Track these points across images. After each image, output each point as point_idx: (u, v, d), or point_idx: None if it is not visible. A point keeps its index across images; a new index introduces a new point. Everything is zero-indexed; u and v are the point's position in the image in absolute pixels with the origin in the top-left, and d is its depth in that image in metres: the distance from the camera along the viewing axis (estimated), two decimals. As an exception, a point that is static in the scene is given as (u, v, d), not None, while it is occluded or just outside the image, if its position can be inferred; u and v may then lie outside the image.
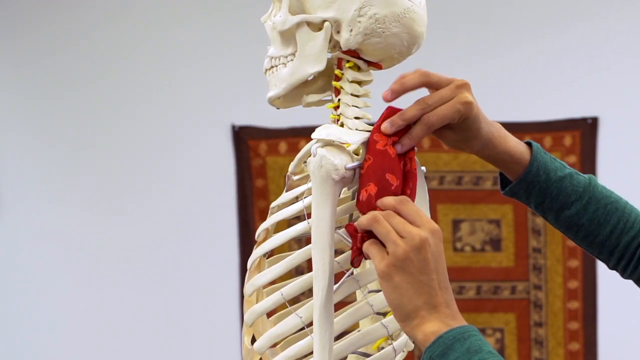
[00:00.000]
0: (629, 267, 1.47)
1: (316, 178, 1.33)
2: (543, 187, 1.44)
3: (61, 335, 3.96)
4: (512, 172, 1.45)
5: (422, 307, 1.22)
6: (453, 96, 1.34)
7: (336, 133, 1.34)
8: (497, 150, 1.42)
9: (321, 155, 1.32)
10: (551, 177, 1.44)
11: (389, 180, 1.30)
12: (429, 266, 1.22)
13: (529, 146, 1.45)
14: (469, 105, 1.34)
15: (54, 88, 3.99)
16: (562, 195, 1.44)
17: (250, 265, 1.49)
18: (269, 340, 1.41)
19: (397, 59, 1.41)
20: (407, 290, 1.22)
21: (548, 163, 1.44)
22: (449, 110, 1.33)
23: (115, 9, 3.99)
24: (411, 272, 1.21)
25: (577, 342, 3.92)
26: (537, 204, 1.46)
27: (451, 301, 1.23)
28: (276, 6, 1.43)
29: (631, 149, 3.90)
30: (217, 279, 3.94)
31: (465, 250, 3.95)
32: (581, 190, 1.45)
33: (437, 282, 1.22)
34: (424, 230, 1.22)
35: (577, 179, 1.45)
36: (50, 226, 3.98)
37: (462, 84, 1.35)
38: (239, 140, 3.96)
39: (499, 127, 1.42)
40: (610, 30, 3.91)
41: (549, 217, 1.47)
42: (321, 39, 1.38)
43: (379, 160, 1.31)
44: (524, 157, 1.44)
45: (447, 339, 1.20)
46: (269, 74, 1.44)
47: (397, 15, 1.37)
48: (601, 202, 1.46)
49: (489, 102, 3.88)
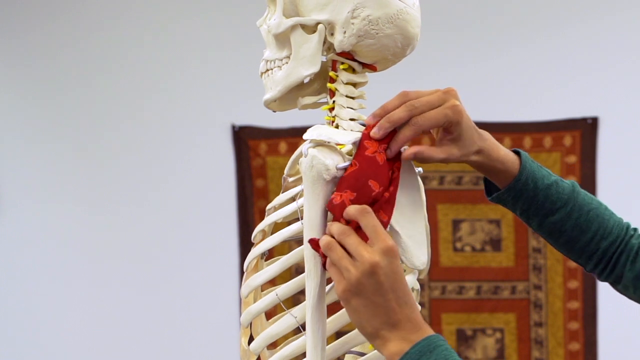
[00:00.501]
0: (606, 271, 1.51)
1: (307, 178, 1.33)
2: (531, 195, 1.46)
3: (61, 335, 3.97)
4: (501, 180, 1.47)
5: (381, 327, 1.24)
6: (441, 102, 1.35)
7: (327, 133, 1.35)
8: (491, 159, 1.43)
9: (312, 155, 1.32)
10: (538, 185, 1.46)
11: (371, 187, 1.30)
12: (383, 287, 1.23)
13: (516, 154, 1.47)
14: (457, 110, 1.35)
15: (54, 88, 4.00)
16: (547, 203, 1.47)
17: (246, 266, 1.49)
18: (264, 341, 1.42)
19: (391, 60, 1.42)
20: (364, 312, 1.24)
21: (536, 171, 1.47)
22: (438, 114, 1.34)
23: (115, 9, 3.99)
24: (366, 295, 1.24)
25: (577, 342, 3.93)
26: (522, 210, 1.48)
27: (412, 314, 1.25)
28: (271, 10, 1.44)
29: (631, 149, 3.90)
30: (217, 279, 3.95)
31: (465, 250, 3.95)
32: (566, 197, 1.47)
33: (395, 300, 1.24)
34: (376, 253, 1.24)
35: (562, 186, 1.48)
36: (50, 226, 3.98)
37: (449, 90, 1.36)
38: (239, 140, 3.96)
39: (489, 136, 1.44)
40: (610, 30, 3.91)
41: (533, 222, 1.50)
42: (315, 41, 1.38)
43: (365, 167, 1.31)
44: (515, 165, 1.45)
45: (413, 355, 1.22)
46: (264, 77, 1.45)
47: (390, 17, 1.37)
48: (584, 209, 1.48)
49: (489, 103, 3.92)
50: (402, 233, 1.36)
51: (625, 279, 1.50)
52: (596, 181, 3.90)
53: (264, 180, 3.97)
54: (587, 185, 3.89)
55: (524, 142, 3.92)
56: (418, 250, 1.38)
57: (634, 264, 1.49)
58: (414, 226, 1.38)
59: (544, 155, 3.92)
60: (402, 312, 1.24)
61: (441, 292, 3.95)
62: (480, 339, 3.95)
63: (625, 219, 1.56)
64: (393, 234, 1.36)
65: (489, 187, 1.51)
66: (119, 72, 3.99)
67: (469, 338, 3.95)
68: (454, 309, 3.95)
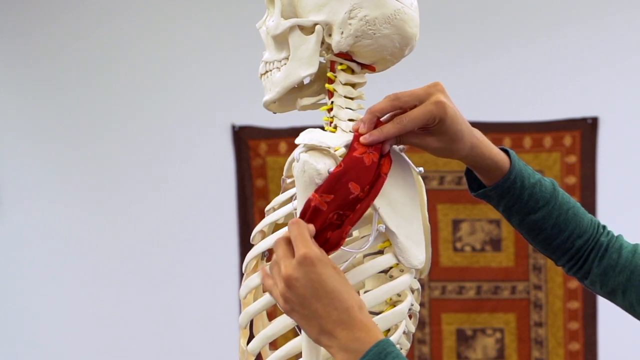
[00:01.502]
0: (575, 267, 1.55)
1: (300, 183, 1.33)
2: (517, 193, 1.47)
3: (61, 334, 3.97)
4: (491, 178, 1.48)
5: (320, 337, 1.24)
6: (426, 95, 1.35)
7: (319, 137, 1.34)
8: (484, 156, 1.44)
9: (304, 160, 1.32)
10: (525, 184, 1.47)
11: (350, 189, 1.30)
12: (305, 298, 1.24)
13: (504, 152, 1.48)
14: (441, 105, 1.34)
15: (53, 88, 4.00)
16: (531, 201, 1.48)
17: (245, 267, 1.49)
18: (262, 341, 1.42)
19: (390, 60, 1.42)
20: (303, 325, 1.26)
21: (523, 170, 1.48)
22: (421, 113, 1.34)
23: (115, 9, 3.99)
24: (296, 310, 1.25)
25: (577, 342, 3.93)
26: (506, 207, 1.49)
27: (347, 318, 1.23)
28: (270, 12, 1.44)
29: (631, 149, 3.90)
30: (217, 279, 3.95)
31: (465, 250, 3.95)
32: (548, 196, 1.49)
33: (322, 307, 1.23)
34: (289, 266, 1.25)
35: (545, 184, 1.50)
36: (50, 226, 3.98)
37: (434, 84, 1.36)
38: (239, 140, 3.97)
39: (481, 134, 1.44)
40: (610, 30, 3.91)
41: (514, 219, 1.51)
42: (313, 42, 1.38)
43: (348, 168, 1.30)
44: (505, 163, 1.46)
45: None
46: (263, 78, 1.45)
47: (387, 17, 1.37)
48: (563, 208, 1.50)
49: (489, 103, 3.92)
50: (398, 233, 1.36)
51: (592, 275, 1.53)
52: (596, 181, 3.90)
53: (264, 180, 3.97)
54: (587, 185, 3.89)
55: (524, 142, 3.92)
56: (416, 249, 1.38)
57: (601, 261, 1.52)
58: (410, 225, 1.38)
59: (544, 155, 3.92)
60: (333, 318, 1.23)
61: (441, 292, 3.95)
62: (480, 339, 3.95)
63: (625, 218, 1.59)
64: (389, 234, 1.36)
65: (471, 182, 1.52)
66: (119, 72, 3.99)
67: (469, 338, 3.95)
68: (454, 309, 3.95)
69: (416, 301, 1.43)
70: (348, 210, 1.30)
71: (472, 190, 1.52)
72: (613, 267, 1.52)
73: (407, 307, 1.38)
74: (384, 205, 1.35)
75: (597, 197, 3.89)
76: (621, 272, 1.51)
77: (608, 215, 3.84)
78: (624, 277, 1.51)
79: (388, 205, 1.35)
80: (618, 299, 1.53)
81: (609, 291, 1.53)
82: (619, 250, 1.52)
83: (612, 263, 1.52)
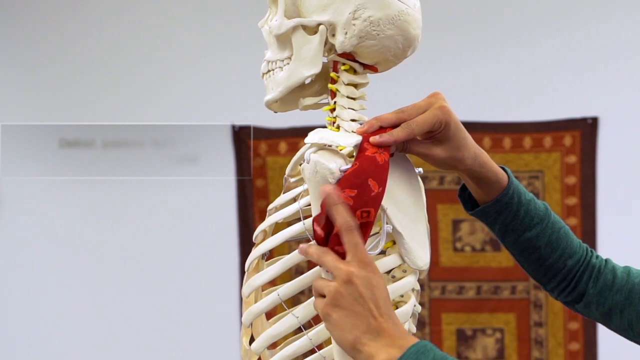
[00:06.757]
0: (567, 289, 1.57)
1: (312, 184, 1.32)
2: (514, 209, 1.49)
3: (61, 334, 3.97)
4: (490, 191, 1.49)
5: (363, 335, 1.23)
6: (429, 106, 1.37)
7: (329, 137, 1.34)
8: (486, 168, 1.46)
9: (315, 160, 1.32)
10: (522, 200, 1.50)
11: (370, 187, 1.30)
12: (362, 296, 1.23)
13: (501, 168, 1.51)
14: (446, 110, 1.36)
15: (54, 87, 4.00)
16: (527, 218, 1.51)
17: (248, 266, 1.49)
18: (266, 341, 1.42)
19: (392, 61, 1.42)
20: (345, 323, 1.23)
21: (519, 186, 1.51)
22: (427, 117, 1.36)
23: (115, 9, 3.99)
24: (345, 305, 1.23)
25: (577, 342, 3.93)
26: (502, 225, 1.51)
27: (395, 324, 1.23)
28: (272, 11, 1.44)
29: (631, 149, 3.90)
30: (217, 279, 3.95)
31: (465, 250, 3.95)
32: (542, 214, 1.52)
33: (376, 309, 1.23)
34: (351, 264, 1.24)
35: (537, 203, 1.53)
36: (50, 226, 3.98)
37: (434, 94, 1.39)
38: (239, 140, 3.97)
39: (480, 148, 1.46)
40: (610, 30, 3.91)
41: (509, 238, 1.53)
42: (316, 42, 1.39)
43: (365, 166, 1.31)
44: (503, 177, 1.49)
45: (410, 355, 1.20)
46: (266, 77, 1.45)
47: (391, 18, 1.38)
48: (555, 227, 1.53)
49: (489, 103, 3.92)
50: (404, 234, 1.36)
51: (588, 296, 1.56)
52: (596, 181, 3.90)
53: (264, 180, 3.97)
54: (587, 185, 3.89)
55: (524, 142, 3.92)
56: (421, 251, 1.38)
57: (597, 282, 1.55)
58: (416, 227, 1.38)
59: (544, 155, 3.92)
60: (384, 321, 1.23)
61: (441, 292, 3.95)
62: (480, 339, 3.95)
63: (625, 218, 1.61)
64: (396, 235, 1.36)
65: (465, 202, 1.54)
66: (119, 72, 3.99)
67: (469, 338, 3.95)
68: (454, 309, 3.95)
69: (416, 301, 1.43)
70: (372, 207, 1.30)
71: (468, 210, 1.54)
72: (610, 287, 1.54)
73: (411, 308, 1.38)
74: (391, 205, 1.35)
75: (597, 197, 3.89)
76: (618, 291, 1.54)
77: (608, 215, 3.84)
78: (621, 296, 1.53)
79: (394, 205, 1.36)
80: (615, 319, 1.55)
81: (606, 311, 1.55)
82: (613, 271, 1.55)
83: (609, 283, 1.54)
